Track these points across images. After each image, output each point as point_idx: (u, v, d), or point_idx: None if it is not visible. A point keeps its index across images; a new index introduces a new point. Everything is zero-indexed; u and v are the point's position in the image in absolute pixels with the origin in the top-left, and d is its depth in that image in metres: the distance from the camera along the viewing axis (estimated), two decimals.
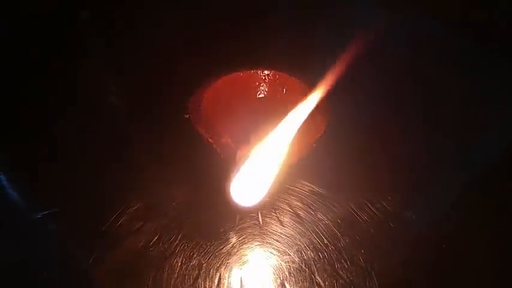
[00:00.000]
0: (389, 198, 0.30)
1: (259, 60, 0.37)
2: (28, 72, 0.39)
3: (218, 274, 0.26)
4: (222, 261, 0.26)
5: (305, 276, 0.26)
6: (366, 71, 0.37)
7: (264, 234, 0.28)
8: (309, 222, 0.29)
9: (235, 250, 0.27)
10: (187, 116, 0.33)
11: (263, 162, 0.28)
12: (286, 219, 0.29)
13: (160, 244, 0.27)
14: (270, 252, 0.27)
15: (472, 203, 0.30)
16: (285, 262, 0.27)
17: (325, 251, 0.27)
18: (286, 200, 0.30)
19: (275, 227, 0.29)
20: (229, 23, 0.43)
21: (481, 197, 0.31)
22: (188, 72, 0.37)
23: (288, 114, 0.29)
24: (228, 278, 0.26)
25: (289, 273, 0.26)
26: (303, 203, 0.30)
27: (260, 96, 0.36)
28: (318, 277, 0.26)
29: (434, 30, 0.42)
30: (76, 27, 0.44)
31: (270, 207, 0.29)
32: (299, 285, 0.25)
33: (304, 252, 0.27)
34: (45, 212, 0.28)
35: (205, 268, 0.26)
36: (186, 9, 0.44)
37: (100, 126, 0.35)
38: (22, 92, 0.37)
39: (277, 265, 0.26)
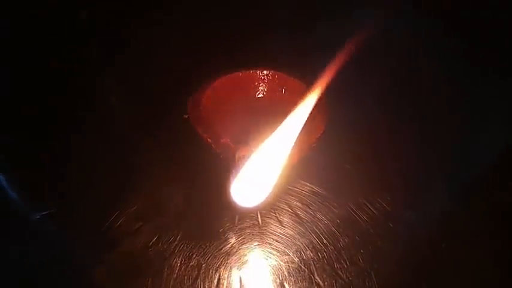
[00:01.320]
0: (389, 198, 0.30)
1: (259, 60, 0.36)
2: (28, 72, 0.39)
3: (217, 274, 0.26)
4: (222, 261, 0.26)
5: (304, 276, 0.26)
6: (366, 71, 0.37)
7: (263, 234, 0.28)
8: (309, 222, 0.29)
9: (235, 250, 0.27)
10: (186, 116, 0.33)
11: (262, 163, 0.28)
12: (285, 219, 0.29)
13: (160, 244, 0.27)
14: (269, 253, 0.27)
15: (472, 203, 0.30)
16: (284, 262, 0.27)
17: (325, 251, 0.27)
18: (285, 200, 0.30)
19: (274, 227, 0.29)
20: (229, 23, 0.43)
21: (481, 197, 0.31)
22: (187, 72, 0.37)
23: (288, 114, 0.29)
24: (228, 278, 0.26)
25: (289, 273, 0.26)
26: (302, 203, 0.30)
27: (259, 96, 0.36)
28: (317, 277, 0.26)
29: (435, 30, 0.42)
30: (76, 27, 0.44)
31: (269, 207, 0.29)
32: (298, 285, 0.25)
33: (304, 253, 0.27)
34: (45, 212, 0.28)
35: (205, 268, 0.26)
36: (185, 9, 0.44)
37: (99, 126, 0.35)
38: (22, 92, 0.37)
39: (277, 265, 0.26)
